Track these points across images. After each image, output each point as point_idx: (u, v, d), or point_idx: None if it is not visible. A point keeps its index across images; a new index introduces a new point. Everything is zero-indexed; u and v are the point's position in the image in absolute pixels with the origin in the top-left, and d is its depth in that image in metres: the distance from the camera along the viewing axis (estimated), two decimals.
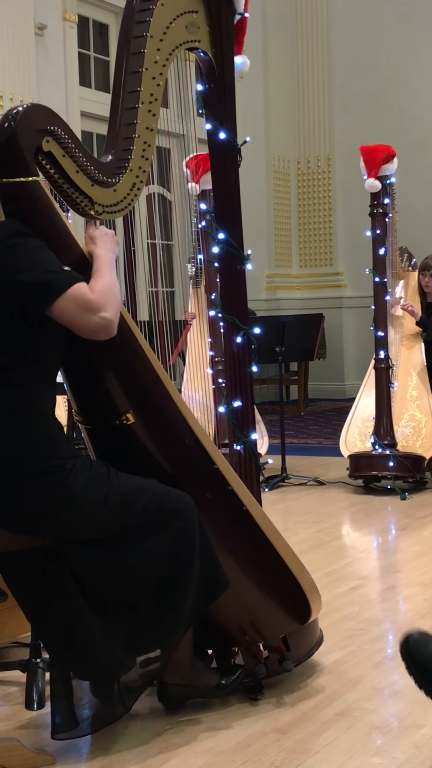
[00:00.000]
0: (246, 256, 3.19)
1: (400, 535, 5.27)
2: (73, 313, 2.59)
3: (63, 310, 2.58)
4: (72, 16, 9.20)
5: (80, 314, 2.59)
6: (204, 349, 6.25)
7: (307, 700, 3.02)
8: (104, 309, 2.61)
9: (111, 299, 2.64)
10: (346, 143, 11.73)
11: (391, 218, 6.59)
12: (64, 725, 2.69)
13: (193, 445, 2.94)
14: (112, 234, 2.84)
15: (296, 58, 12.45)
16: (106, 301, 2.62)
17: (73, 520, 2.61)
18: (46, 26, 8.85)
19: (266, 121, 12.05)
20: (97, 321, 2.61)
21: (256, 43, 11.63)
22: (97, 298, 2.60)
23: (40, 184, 2.69)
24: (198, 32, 3.02)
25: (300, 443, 8.59)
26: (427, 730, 2.77)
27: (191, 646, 2.91)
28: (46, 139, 2.65)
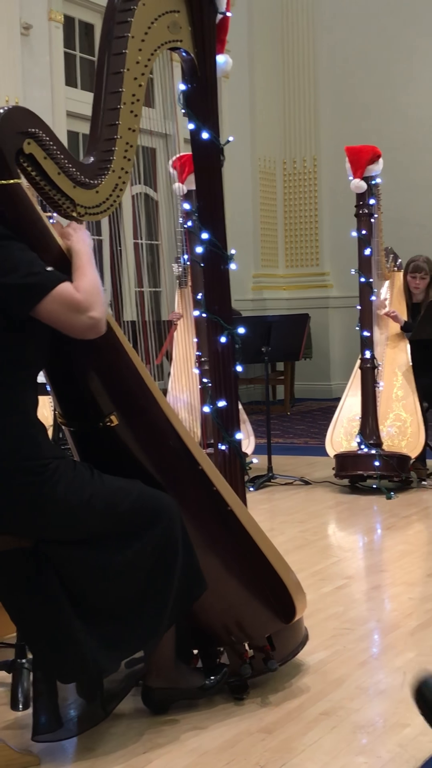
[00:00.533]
0: (230, 256, 3.19)
1: (386, 535, 5.28)
2: (60, 314, 2.58)
3: (50, 311, 2.57)
4: (58, 16, 9.19)
5: (68, 315, 2.59)
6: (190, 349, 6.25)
7: (292, 699, 3.02)
8: (92, 308, 2.60)
9: (97, 297, 2.64)
10: (332, 144, 11.75)
11: (377, 219, 6.60)
12: (48, 726, 2.68)
13: (178, 447, 2.94)
14: (81, 226, 2.83)
15: (282, 59, 12.46)
16: (93, 300, 2.61)
17: (56, 521, 2.61)
18: (32, 26, 8.84)
19: (252, 122, 12.06)
20: (86, 321, 2.60)
21: (242, 44, 11.65)
22: (83, 297, 2.60)
23: (21, 186, 2.68)
24: (180, 32, 3.01)
25: (286, 443, 8.59)
26: (412, 730, 2.77)
27: (173, 647, 2.90)
28: (28, 141, 2.64)
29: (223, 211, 3.19)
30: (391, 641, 3.53)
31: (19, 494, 2.56)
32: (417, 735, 2.73)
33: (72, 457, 2.95)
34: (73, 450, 2.98)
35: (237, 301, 10.65)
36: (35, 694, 2.71)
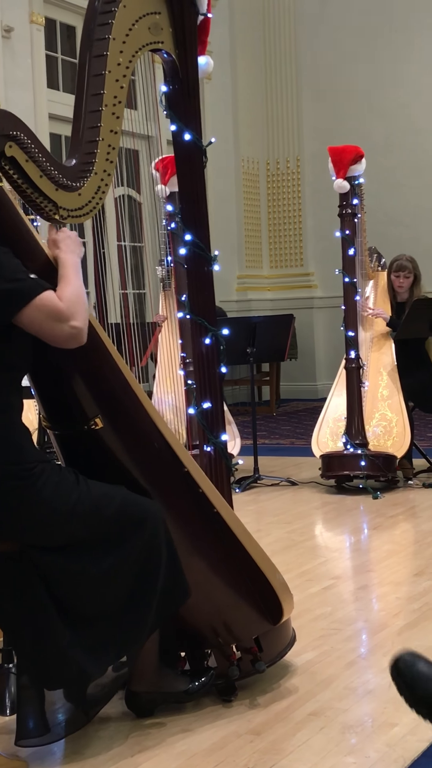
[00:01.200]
0: (213, 257, 3.19)
1: (373, 535, 5.29)
2: (41, 322, 2.58)
3: (31, 319, 2.57)
4: (39, 19, 9.17)
5: (49, 323, 2.58)
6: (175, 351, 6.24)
7: (280, 700, 3.02)
8: (74, 318, 2.59)
9: (80, 307, 2.63)
10: (315, 144, 11.77)
11: (360, 219, 6.61)
12: (35, 731, 2.68)
13: (163, 449, 2.94)
14: (74, 235, 2.83)
15: (264, 60, 12.47)
16: (76, 310, 2.61)
17: (41, 526, 2.60)
18: (13, 28, 8.82)
19: (235, 123, 12.07)
20: (67, 330, 2.60)
21: (223, 45, 11.66)
22: (66, 306, 2.59)
23: (3, 189, 2.67)
24: (161, 33, 3.01)
25: (272, 444, 8.60)
26: (400, 729, 2.78)
27: (157, 652, 2.90)
28: (9, 144, 2.63)
29: (206, 212, 3.18)
30: (379, 641, 3.54)
31: (3, 498, 2.56)
32: (405, 734, 2.74)
33: (57, 461, 2.95)
34: (58, 453, 2.98)
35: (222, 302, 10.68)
36: (21, 700, 2.70)
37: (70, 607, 2.68)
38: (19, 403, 2.70)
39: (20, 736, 2.67)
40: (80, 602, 2.69)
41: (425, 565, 4.49)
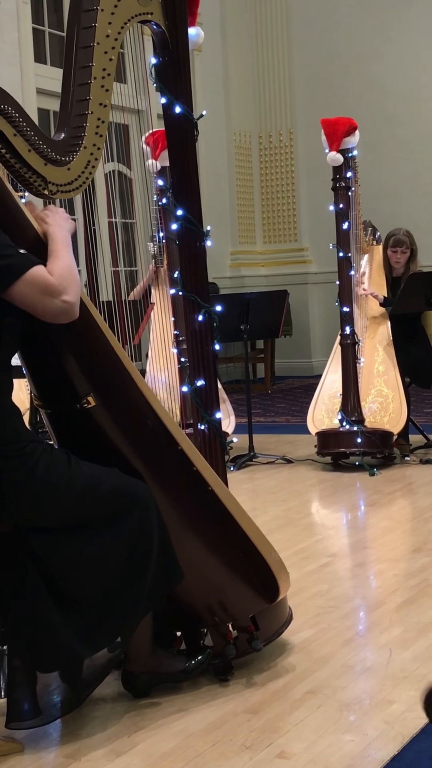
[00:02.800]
0: (205, 233, 3.18)
1: (369, 512, 5.30)
2: (33, 297, 2.57)
3: (22, 294, 2.56)
4: None
5: (41, 298, 2.58)
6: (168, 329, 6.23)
7: (277, 679, 3.04)
8: (65, 292, 2.60)
9: (71, 281, 2.63)
10: (308, 117, 11.72)
11: (354, 192, 6.59)
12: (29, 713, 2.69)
13: (157, 427, 2.94)
14: (62, 211, 2.82)
15: (255, 31, 12.40)
16: (67, 284, 2.61)
17: (33, 506, 2.61)
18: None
19: (226, 96, 12.02)
20: (59, 304, 2.60)
21: (214, 16, 11.59)
22: (57, 281, 2.59)
23: None
24: (150, 4, 2.99)
25: (267, 422, 8.61)
26: (398, 706, 2.80)
27: (150, 633, 2.91)
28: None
29: (197, 186, 3.18)
30: (377, 618, 3.56)
31: None
32: (404, 711, 2.76)
33: (49, 441, 2.95)
34: (51, 433, 2.98)
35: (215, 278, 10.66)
36: (13, 683, 2.71)
37: (62, 588, 2.68)
38: (9, 382, 2.70)
39: (12, 719, 2.68)
40: (72, 584, 2.70)
41: (423, 542, 4.51)
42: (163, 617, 2.98)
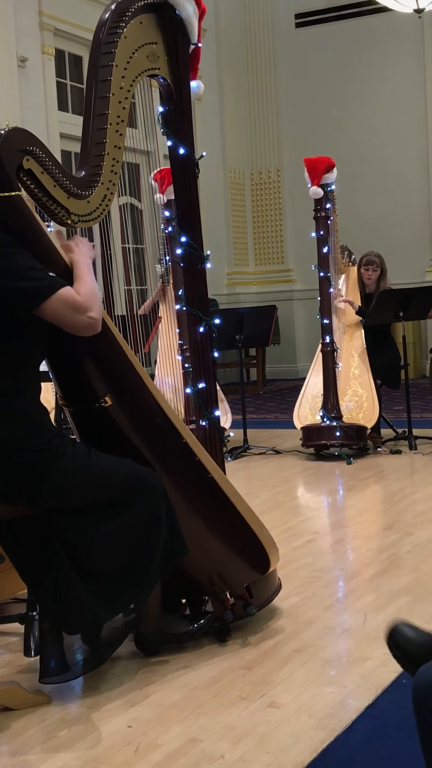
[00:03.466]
0: (205, 256, 3.18)
1: (347, 495, 5.29)
2: (63, 313, 2.57)
3: (54, 310, 2.56)
4: (50, 50, 9.11)
5: (70, 314, 2.58)
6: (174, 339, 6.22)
7: (268, 639, 3.03)
8: (91, 309, 2.60)
9: (95, 300, 2.63)
10: (293, 156, 11.71)
11: (333, 221, 6.59)
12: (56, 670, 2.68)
13: (164, 423, 2.93)
14: (85, 240, 2.82)
15: (248, 84, 12.39)
16: (92, 303, 2.61)
17: (58, 492, 2.60)
18: (28, 59, 8.76)
19: (222, 139, 12.00)
20: (86, 320, 2.60)
21: (212, 71, 11.58)
22: (83, 299, 2.59)
23: (22, 198, 2.66)
24: (158, 61, 2.99)
25: (259, 418, 8.59)
26: (372, 662, 2.79)
27: (160, 600, 2.90)
28: (26, 158, 2.62)
29: (198, 216, 3.17)
30: (353, 587, 3.55)
31: (25, 469, 2.55)
32: (377, 667, 2.75)
33: (72, 435, 2.95)
34: (74, 428, 2.97)
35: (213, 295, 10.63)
36: (43, 643, 2.71)
37: (84, 562, 2.68)
38: (38, 385, 2.70)
39: (43, 675, 2.68)
40: (93, 558, 2.69)
41: (393, 521, 4.50)
42: (171, 586, 2.97)
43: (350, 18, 11.89)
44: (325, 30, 12.07)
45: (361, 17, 11.80)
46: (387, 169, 11.69)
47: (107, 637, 2.75)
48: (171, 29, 3.00)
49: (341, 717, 2.45)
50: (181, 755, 2.30)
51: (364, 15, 11.74)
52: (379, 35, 11.66)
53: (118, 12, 2.88)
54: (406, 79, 11.63)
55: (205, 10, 3.11)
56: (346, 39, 11.87)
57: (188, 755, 2.30)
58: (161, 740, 2.39)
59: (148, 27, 2.95)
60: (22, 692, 2.63)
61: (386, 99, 11.71)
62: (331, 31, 12.02)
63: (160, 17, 2.98)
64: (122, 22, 2.86)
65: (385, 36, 11.60)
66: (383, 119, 11.72)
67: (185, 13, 2.99)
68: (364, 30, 11.78)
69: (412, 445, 6.37)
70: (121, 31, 2.85)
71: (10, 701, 2.61)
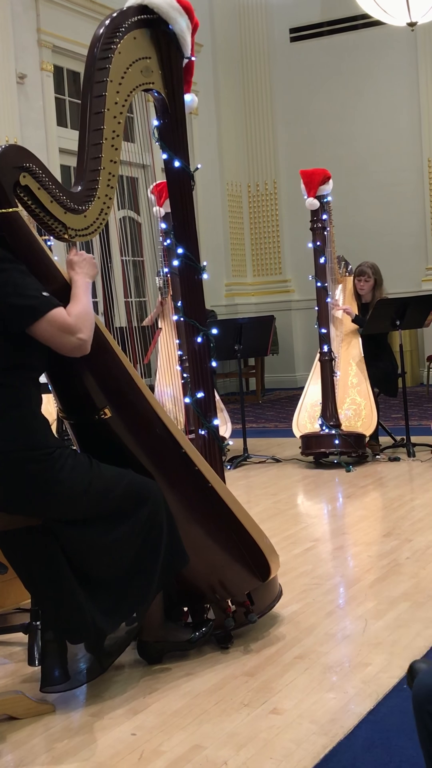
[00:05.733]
0: (202, 268, 3.18)
1: (346, 503, 5.29)
2: (52, 334, 2.58)
3: (43, 330, 2.57)
4: (48, 66, 9.14)
5: (59, 335, 2.58)
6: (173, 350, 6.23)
7: (270, 646, 3.03)
8: (80, 331, 2.60)
9: (86, 322, 2.63)
10: (289, 169, 11.76)
11: (329, 231, 6.59)
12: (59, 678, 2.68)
13: (163, 433, 2.93)
14: (90, 258, 2.82)
15: (243, 96, 12.42)
16: (82, 325, 2.61)
17: (59, 503, 2.60)
18: (26, 75, 8.79)
19: (220, 152, 12.03)
20: (74, 341, 2.60)
21: (208, 84, 11.62)
22: (74, 321, 2.59)
23: (19, 214, 2.66)
24: (152, 75, 3.00)
25: (259, 427, 8.59)
26: (373, 668, 2.79)
27: (162, 609, 2.90)
28: (23, 174, 2.63)
29: (195, 228, 3.18)
30: (354, 593, 3.54)
31: (27, 479, 2.55)
32: (378, 672, 2.75)
33: (73, 447, 2.94)
34: (74, 440, 2.97)
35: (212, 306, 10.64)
36: (46, 652, 2.70)
37: (86, 572, 2.68)
38: (39, 397, 2.70)
39: (45, 684, 2.67)
40: (95, 568, 2.69)
41: (392, 528, 4.50)
42: (172, 595, 2.97)
43: (344, 32, 11.94)
44: (319, 44, 12.12)
45: (355, 31, 11.85)
46: (382, 180, 11.71)
47: (109, 647, 2.75)
48: (164, 44, 3.01)
49: (343, 722, 2.45)
50: (185, 762, 2.29)
51: (358, 29, 11.79)
52: (372, 48, 11.71)
53: (112, 28, 2.89)
54: (400, 91, 11.67)
55: (198, 24, 3.12)
56: (341, 52, 11.92)
57: (192, 762, 2.29)
58: (165, 747, 2.38)
59: (141, 42, 2.96)
60: (27, 701, 2.63)
61: (381, 111, 11.76)
62: (325, 44, 12.07)
63: (153, 32, 2.99)
64: (116, 37, 2.88)
65: (379, 49, 11.65)
66: (378, 131, 11.76)
67: (178, 28, 3.00)
68: (358, 43, 11.83)
69: (410, 453, 6.37)
70: (115, 46, 2.86)
71: (14, 710, 2.61)
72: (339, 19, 11.92)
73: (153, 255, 6.99)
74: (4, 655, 3.14)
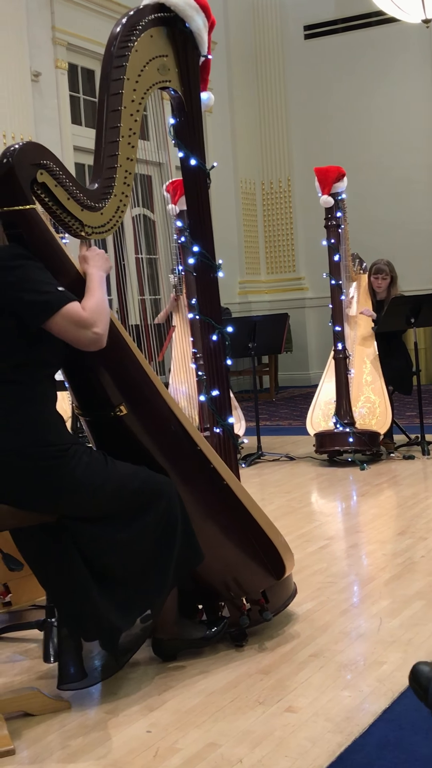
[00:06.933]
0: (217, 266, 3.18)
1: (361, 501, 5.28)
2: (67, 329, 2.57)
3: (59, 325, 2.56)
4: (63, 64, 9.15)
5: (74, 330, 2.58)
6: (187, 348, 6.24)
7: (284, 644, 3.02)
8: (95, 325, 2.60)
9: (101, 316, 2.62)
10: (303, 166, 11.73)
11: (344, 229, 6.58)
12: (75, 676, 2.68)
13: (179, 431, 2.93)
14: (102, 253, 2.82)
15: (258, 94, 12.42)
16: (97, 318, 2.61)
17: (74, 500, 2.60)
18: (41, 73, 8.81)
19: (234, 150, 12.03)
20: (89, 335, 2.60)
21: (223, 82, 11.62)
22: (89, 315, 2.59)
23: (36, 211, 2.66)
24: (168, 73, 3.00)
25: (273, 425, 8.59)
26: (388, 666, 2.78)
27: (176, 606, 2.90)
28: (40, 171, 2.63)
29: (210, 226, 3.17)
30: (368, 591, 3.54)
31: (42, 476, 2.55)
32: (393, 671, 2.74)
33: (88, 444, 2.95)
34: (90, 437, 2.98)
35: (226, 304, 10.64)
36: (62, 650, 2.71)
37: (101, 569, 2.67)
38: (54, 394, 2.70)
39: (62, 681, 2.68)
40: (109, 565, 2.69)
41: (406, 526, 4.49)
42: (187, 592, 2.97)
43: (359, 29, 11.92)
44: (333, 41, 12.09)
45: (370, 28, 11.82)
46: (396, 177, 11.68)
47: (124, 644, 2.75)
48: (181, 42, 3.00)
49: (358, 721, 2.44)
50: (200, 760, 2.30)
51: (373, 26, 11.76)
52: (387, 45, 11.68)
53: (129, 26, 2.89)
54: (415, 88, 11.64)
55: (215, 22, 3.12)
56: (355, 50, 11.89)
57: (207, 760, 2.29)
58: (180, 745, 2.38)
59: (158, 40, 2.96)
60: (42, 698, 2.64)
61: (395, 108, 11.72)
62: (339, 42, 12.05)
63: (170, 30, 2.99)
64: (133, 35, 2.88)
65: (394, 46, 11.62)
66: (392, 128, 11.73)
67: (195, 26, 3.00)
68: (373, 40, 11.80)
69: (425, 451, 6.36)
70: (132, 44, 2.86)
71: (30, 707, 2.61)
72: (353, 16, 11.90)
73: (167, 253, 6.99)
74: (20, 651, 3.15)
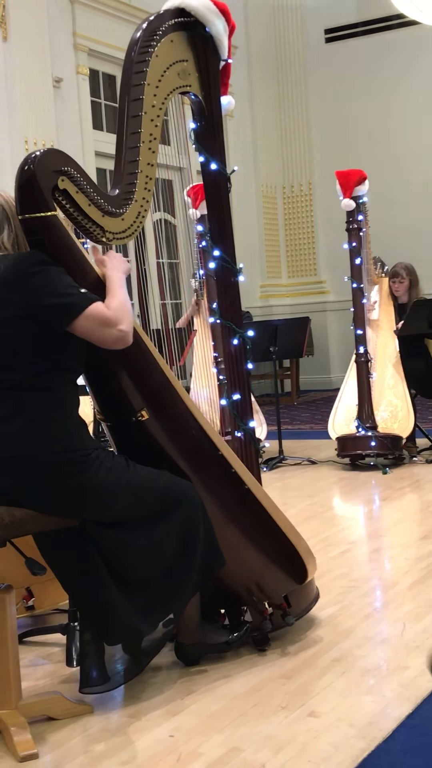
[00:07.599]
0: (238, 270, 3.18)
1: (383, 505, 5.26)
2: (92, 329, 2.59)
3: (84, 326, 2.58)
4: (84, 70, 9.19)
5: (99, 329, 2.59)
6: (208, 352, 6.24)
7: (307, 649, 3.02)
8: (120, 323, 2.61)
9: (125, 314, 2.64)
10: (324, 170, 11.71)
11: (365, 232, 6.57)
12: (97, 680, 2.68)
13: (200, 436, 2.93)
14: (119, 255, 2.83)
15: (278, 98, 12.42)
16: (121, 316, 2.62)
17: (97, 504, 2.61)
18: (62, 79, 8.85)
19: (255, 154, 12.03)
20: (115, 333, 2.61)
21: (243, 87, 11.63)
22: (113, 314, 2.60)
23: (57, 217, 2.68)
24: (189, 78, 3.00)
25: (294, 429, 8.57)
26: (411, 671, 2.77)
27: (198, 611, 2.90)
28: (61, 178, 2.64)
29: (231, 231, 3.18)
30: (391, 596, 3.52)
31: (65, 481, 2.56)
32: (416, 676, 2.73)
33: (110, 448, 2.95)
34: (111, 442, 2.98)
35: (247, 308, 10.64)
36: (84, 653, 2.71)
37: (123, 574, 2.68)
38: (76, 399, 2.71)
39: (84, 685, 2.68)
40: (131, 570, 2.69)
41: (429, 530, 4.46)
42: (209, 597, 2.97)
43: (379, 32, 11.89)
44: (354, 44, 12.08)
45: (390, 31, 11.79)
46: (419, 180, 11.63)
47: (146, 648, 2.75)
48: (201, 46, 3.01)
49: (381, 726, 2.43)
50: (223, 765, 2.29)
51: (393, 29, 11.73)
52: (408, 48, 11.64)
53: (150, 31, 2.90)
54: None
55: (235, 26, 3.12)
56: (376, 53, 11.87)
57: (229, 764, 2.29)
58: (202, 749, 2.38)
59: (179, 45, 2.96)
60: (65, 702, 2.64)
61: (416, 111, 11.68)
62: (360, 45, 12.03)
63: (190, 35, 2.99)
64: (153, 41, 2.88)
65: (414, 49, 11.58)
66: (414, 131, 11.69)
67: (215, 30, 3.01)
68: (393, 43, 11.77)
69: None
70: (152, 50, 2.87)
71: (53, 711, 2.62)
72: (374, 19, 11.87)
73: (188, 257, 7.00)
74: (43, 656, 3.16)
